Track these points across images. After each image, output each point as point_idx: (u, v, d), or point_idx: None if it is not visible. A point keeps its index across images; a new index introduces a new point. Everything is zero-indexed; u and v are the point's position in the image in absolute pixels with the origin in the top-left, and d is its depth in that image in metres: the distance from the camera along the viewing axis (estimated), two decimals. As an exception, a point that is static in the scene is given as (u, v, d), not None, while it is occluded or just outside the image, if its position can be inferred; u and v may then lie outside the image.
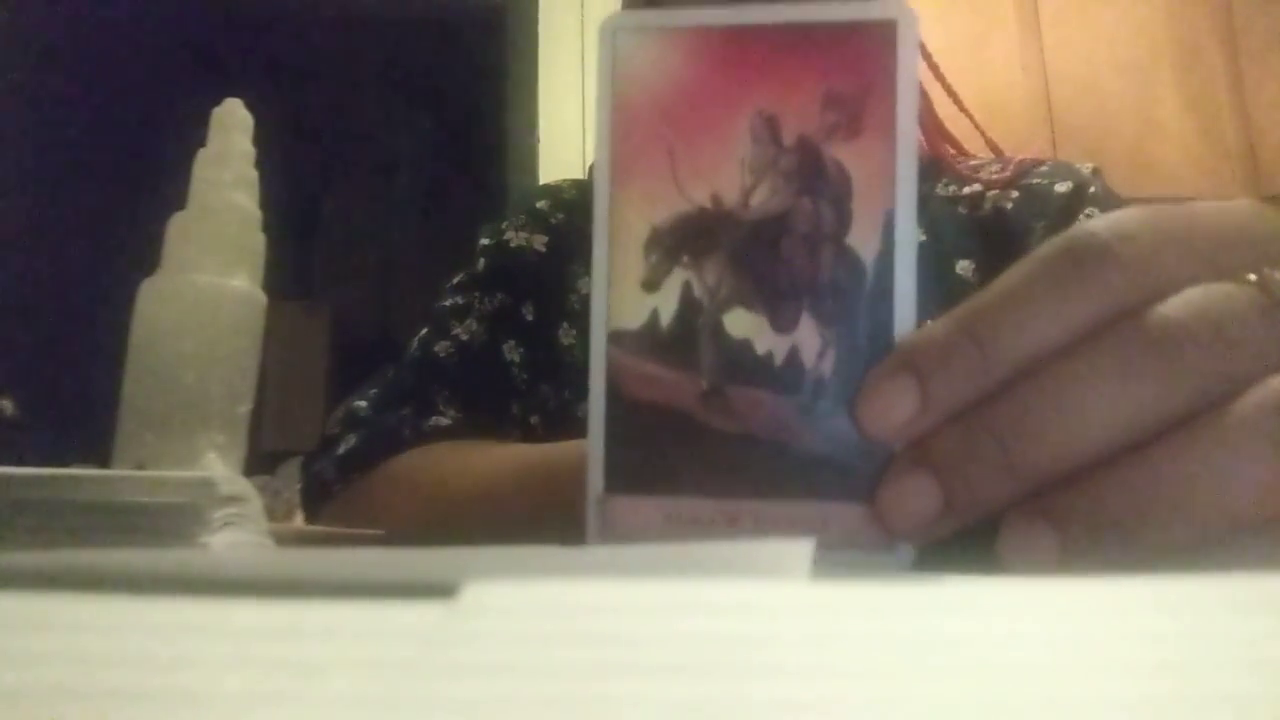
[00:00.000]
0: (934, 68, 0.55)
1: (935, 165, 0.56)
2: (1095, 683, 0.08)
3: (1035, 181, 0.55)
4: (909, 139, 0.20)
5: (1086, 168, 0.56)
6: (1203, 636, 0.08)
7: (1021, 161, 0.56)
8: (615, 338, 0.21)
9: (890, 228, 0.20)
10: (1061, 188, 0.53)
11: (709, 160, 0.21)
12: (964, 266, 0.51)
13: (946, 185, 0.56)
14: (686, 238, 0.21)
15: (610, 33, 0.22)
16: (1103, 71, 1.80)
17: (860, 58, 0.20)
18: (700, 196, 0.21)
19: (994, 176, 0.55)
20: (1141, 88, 1.79)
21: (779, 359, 0.20)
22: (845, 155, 0.20)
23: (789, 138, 0.21)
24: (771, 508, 0.20)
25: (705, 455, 0.20)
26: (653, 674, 0.08)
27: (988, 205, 0.54)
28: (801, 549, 0.12)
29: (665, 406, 0.21)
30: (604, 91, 0.22)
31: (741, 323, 0.21)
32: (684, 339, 0.21)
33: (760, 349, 0.20)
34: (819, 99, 0.21)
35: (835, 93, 0.20)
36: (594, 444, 0.21)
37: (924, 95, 0.57)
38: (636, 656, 0.08)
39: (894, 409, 0.19)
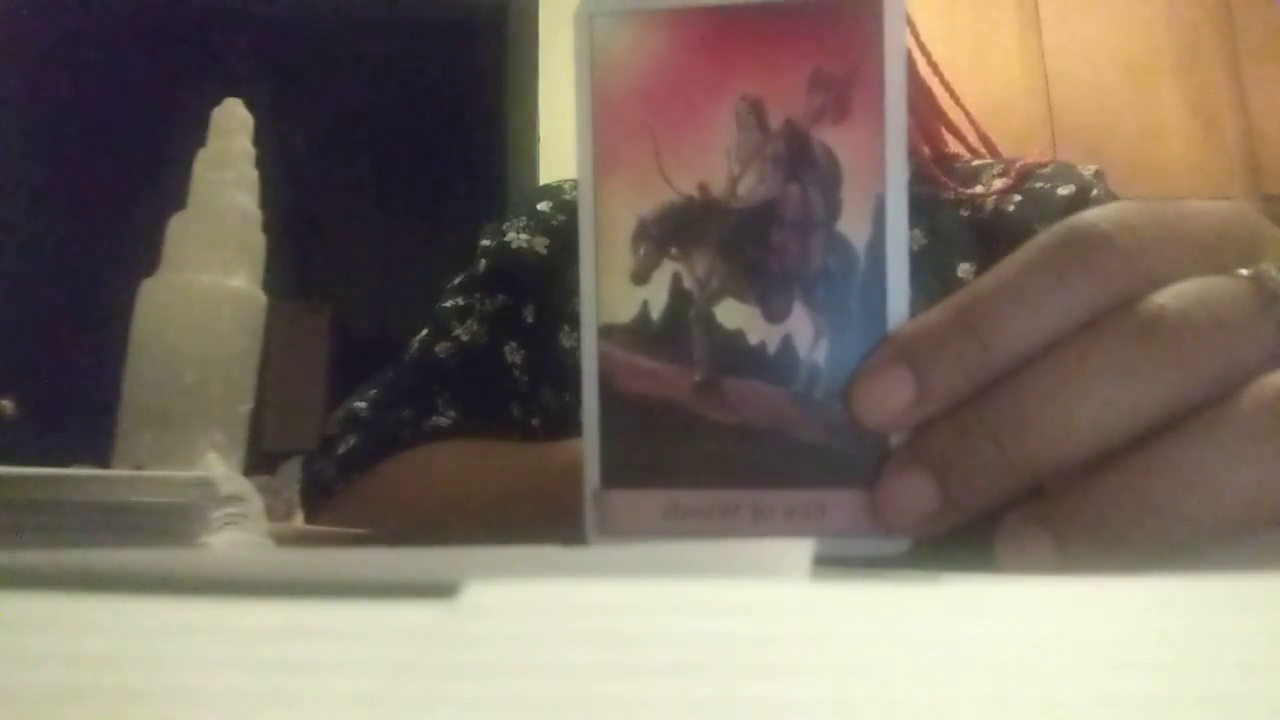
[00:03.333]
0: (933, 65, 0.55)
1: (935, 172, 0.55)
2: (1096, 683, 0.08)
3: (1037, 185, 0.54)
4: (898, 120, 0.20)
5: (1089, 170, 0.55)
6: (1203, 636, 0.08)
7: (1023, 165, 0.56)
8: (606, 331, 0.21)
9: (881, 212, 0.20)
10: (1064, 190, 0.53)
11: (694, 148, 0.20)
12: (965, 270, 0.51)
13: (948, 190, 0.56)
14: (674, 228, 0.20)
15: (587, 18, 0.21)
16: (1103, 71, 1.80)
17: (846, 37, 0.20)
18: (687, 186, 0.20)
19: (995, 183, 0.55)
20: (1141, 88, 1.79)
21: (772, 349, 0.20)
22: (833, 139, 0.20)
23: (775, 123, 0.20)
24: (769, 497, 0.20)
25: (701, 447, 0.20)
26: (653, 674, 0.08)
27: (989, 208, 0.54)
28: (801, 549, 0.12)
29: (659, 399, 0.20)
30: (583, 80, 0.21)
31: (733, 313, 0.20)
32: (676, 331, 0.20)
33: (753, 339, 0.20)
34: (804, 82, 0.20)
35: (821, 74, 0.20)
36: (589, 439, 0.21)
37: (929, 92, 0.56)
38: (636, 656, 0.08)
39: (889, 399, 0.19)
